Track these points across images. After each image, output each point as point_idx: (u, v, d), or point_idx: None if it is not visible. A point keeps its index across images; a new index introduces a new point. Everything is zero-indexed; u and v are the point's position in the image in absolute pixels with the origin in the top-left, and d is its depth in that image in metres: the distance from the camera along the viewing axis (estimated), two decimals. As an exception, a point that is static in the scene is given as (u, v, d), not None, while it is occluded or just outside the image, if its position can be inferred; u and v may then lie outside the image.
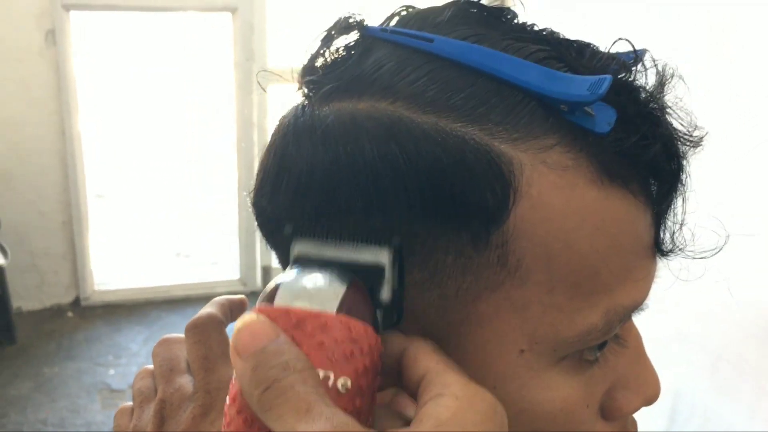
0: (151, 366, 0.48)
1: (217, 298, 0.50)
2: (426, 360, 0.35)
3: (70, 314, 3.34)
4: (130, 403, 0.48)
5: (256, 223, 0.44)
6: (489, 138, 0.36)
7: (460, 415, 0.31)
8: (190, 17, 3.70)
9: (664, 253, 0.41)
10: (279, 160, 0.40)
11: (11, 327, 3.07)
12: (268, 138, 0.43)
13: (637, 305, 0.40)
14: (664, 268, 0.42)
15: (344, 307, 0.33)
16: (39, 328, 3.21)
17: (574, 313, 0.38)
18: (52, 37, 3.02)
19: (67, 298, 3.40)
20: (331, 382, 0.32)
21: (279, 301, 0.34)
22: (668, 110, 0.39)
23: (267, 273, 3.58)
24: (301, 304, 0.33)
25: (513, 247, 0.36)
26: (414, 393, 0.35)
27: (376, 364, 0.34)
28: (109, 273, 3.59)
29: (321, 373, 0.32)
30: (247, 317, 0.33)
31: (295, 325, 0.32)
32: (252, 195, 0.43)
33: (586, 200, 0.36)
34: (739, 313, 1.94)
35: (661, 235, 0.40)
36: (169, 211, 4.66)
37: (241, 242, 3.60)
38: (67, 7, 3.04)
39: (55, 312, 3.34)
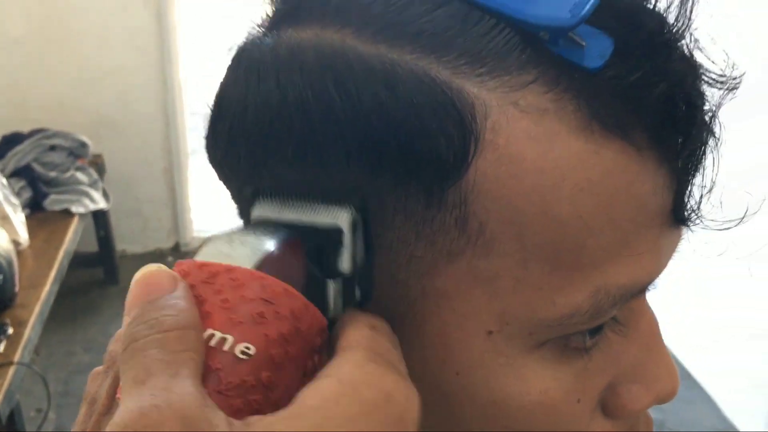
0: None
1: None
2: (347, 335, 0.29)
3: (170, 258, 3.45)
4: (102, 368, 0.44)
5: None
6: (449, 73, 0.29)
7: (333, 402, 0.25)
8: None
9: (683, 222, 0.33)
10: (218, 101, 0.35)
11: (115, 268, 3.21)
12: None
13: (638, 285, 0.32)
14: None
15: (265, 264, 0.28)
16: (141, 271, 3.33)
17: (553, 292, 0.31)
18: (155, -15, 3.07)
19: (168, 243, 3.51)
20: (227, 346, 0.27)
21: (199, 256, 0.29)
22: (692, 43, 0.31)
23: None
24: (217, 258, 0.29)
25: (473, 207, 0.30)
26: None
27: (307, 337, 0.28)
28: (209, 221, 3.68)
29: (216, 335, 0.27)
30: (148, 267, 0.28)
31: (206, 279, 0.28)
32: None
33: (569, 153, 0.29)
34: None
35: (685, 200, 0.33)
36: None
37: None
38: (170, -44, 3.07)
39: (157, 256, 3.46)
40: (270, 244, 0.30)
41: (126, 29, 3.12)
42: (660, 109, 0.30)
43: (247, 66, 0.33)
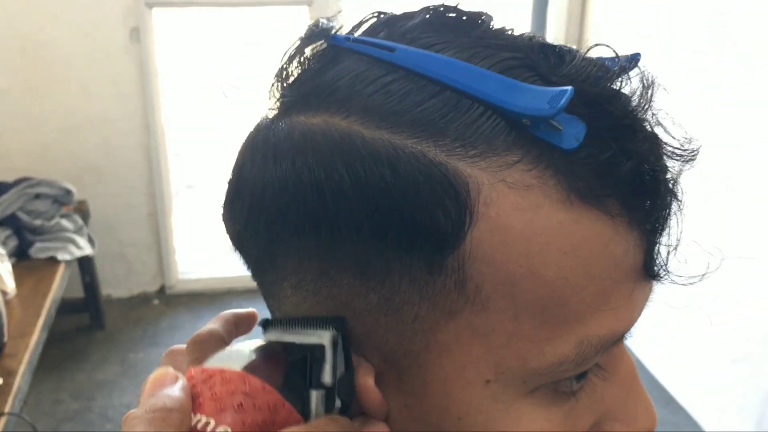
0: None
1: (223, 313, 0.49)
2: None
3: (155, 302, 3.46)
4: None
5: None
6: (445, 155, 0.34)
7: None
8: (268, 11, 3.75)
9: (653, 277, 0.37)
10: (236, 178, 0.39)
11: (100, 313, 3.21)
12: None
13: (616, 335, 0.36)
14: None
15: (249, 367, 0.36)
16: (126, 315, 3.34)
17: (542, 343, 0.35)
18: (137, 34, 3.12)
19: (153, 287, 3.52)
20: (210, 428, 0.33)
21: (206, 363, 0.37)
22: (655, 122, 0.36)
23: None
24: (216, 364, 0.36)
25: (470, 272, 0.34)
26: None
27: (279, 426, 0.34)
28: (193, 263, 3.70)
29: (203, 420, 0.34)
30: (159, 370, 0.36)
31: (204, 379, 0.35)
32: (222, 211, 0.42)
33: (551, 222, 0.33)
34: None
35: (654, 257, 0.37)
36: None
37: (320, 233, 3.62)
38: (150, 5, 3.12)
39: (142, 300, 3.47)
40: (258, 355, 0.37)
41: (109, 77, 3.16)
42: (628, 182, 0.34)
43: (264, 150, 0.37)
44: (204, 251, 3.80)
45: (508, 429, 0.36)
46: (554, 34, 3.16)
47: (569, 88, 0.32)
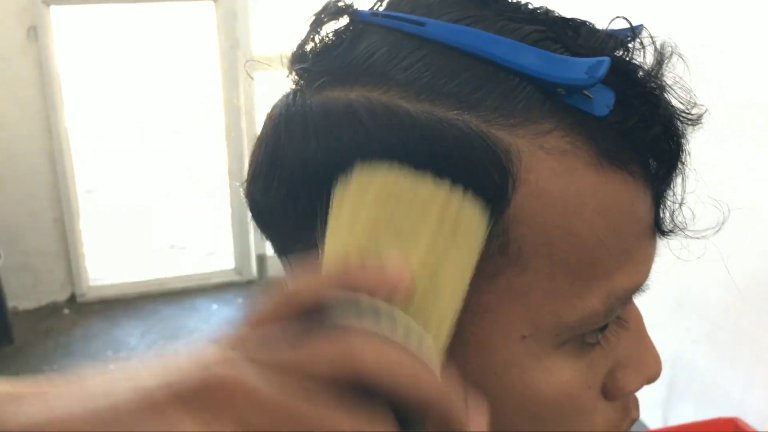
0: None
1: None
2: None
3: (66, 311, 3.32)
4: None
5: (249, 214, 0.44)
6: (485, 125, 0.35)
7: None
8: (172, 8, 3.67)
9: (665, 233, 0.40)
10: (271, 152, 0.39)
11: (8, 327, 3.05)
12: (257, 126, 0.42)
13: (638, 287, 0.40)
14: (663, 247, 0.42)
15: None
16: (36, 327, 3.19)
17: (575, 298, 0.37)
18: (34, 33, 2.98)
19: (62, 296, 3.38)
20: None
21: None
22: (667, 88, 0.39)
23: (262, 261, 3.56)
24: None
25: (513, 235, 0.36)
26: None
27: None
28: (104, 268, 3.57)
29: None
30: None
31: None
32: (245, 187, 0.43)
33: (585, 185, 0.36)
34: (737, 281, 1.95)
35: (661, 215, 0.40)
36: (161, 203, 4.64)
37: (235, 232, 3.58)
38: (48, 2, 2.99)
39: (52, 310, 3.32)
40: None
41: (5, 80, 3.02)
42: (652, 145, 0.37)
43: (303, 125, 0.38)
44: (115, 256, 3.68)
45: (541, 380, 0.39)
46: None
47: (606, 58, 0.34)
